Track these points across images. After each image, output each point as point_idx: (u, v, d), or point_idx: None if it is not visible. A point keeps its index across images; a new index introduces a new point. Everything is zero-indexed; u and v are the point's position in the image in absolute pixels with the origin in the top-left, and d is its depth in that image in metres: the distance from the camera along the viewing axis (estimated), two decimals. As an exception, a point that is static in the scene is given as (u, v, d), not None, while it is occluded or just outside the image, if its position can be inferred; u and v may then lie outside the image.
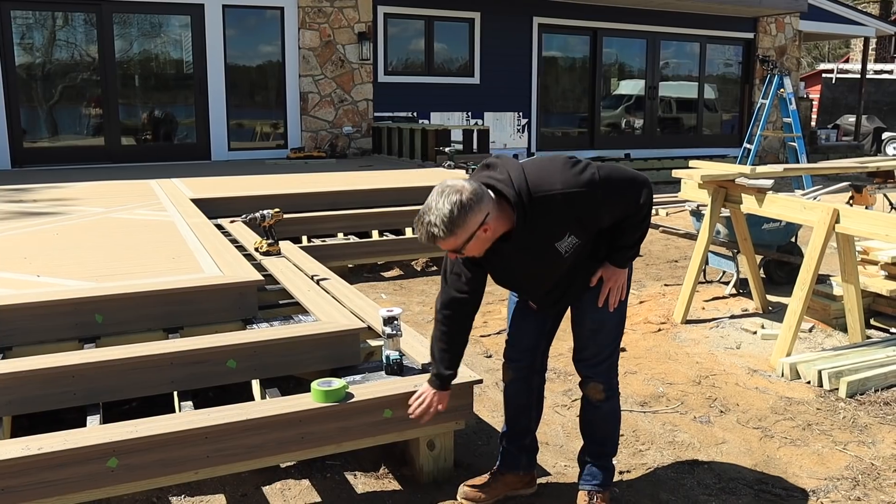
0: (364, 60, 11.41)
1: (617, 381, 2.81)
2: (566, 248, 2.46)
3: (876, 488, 3.07)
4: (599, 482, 2.80)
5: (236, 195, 6.82)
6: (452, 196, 2.26)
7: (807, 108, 17.78)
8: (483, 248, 2.40)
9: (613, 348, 2.75)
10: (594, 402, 2.77)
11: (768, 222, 5.84)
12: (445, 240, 2.30)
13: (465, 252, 2.37)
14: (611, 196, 2.41)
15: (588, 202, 2.38)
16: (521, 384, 2.90)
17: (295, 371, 3.31)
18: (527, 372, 2.88)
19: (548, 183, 2.35)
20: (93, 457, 2.51)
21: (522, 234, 2.39)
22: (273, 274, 4.39)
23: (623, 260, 2.63)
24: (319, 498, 2.97)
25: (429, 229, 2.29)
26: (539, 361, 2.90)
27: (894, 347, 4.47)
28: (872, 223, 4.12)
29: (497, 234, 2.38)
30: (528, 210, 2.34)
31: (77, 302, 3.42)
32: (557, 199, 2.34)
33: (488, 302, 5.73)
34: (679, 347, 4.77)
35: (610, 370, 2.76)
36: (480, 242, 2.35)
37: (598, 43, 13.89)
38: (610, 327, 2.71)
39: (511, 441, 2.96)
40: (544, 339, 2.87)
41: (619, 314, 2.71)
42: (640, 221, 2.54)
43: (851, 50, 33.41)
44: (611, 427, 2.83)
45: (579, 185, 2.35)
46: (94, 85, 10.26)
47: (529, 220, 2.36)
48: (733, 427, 3.64)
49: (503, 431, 3.00)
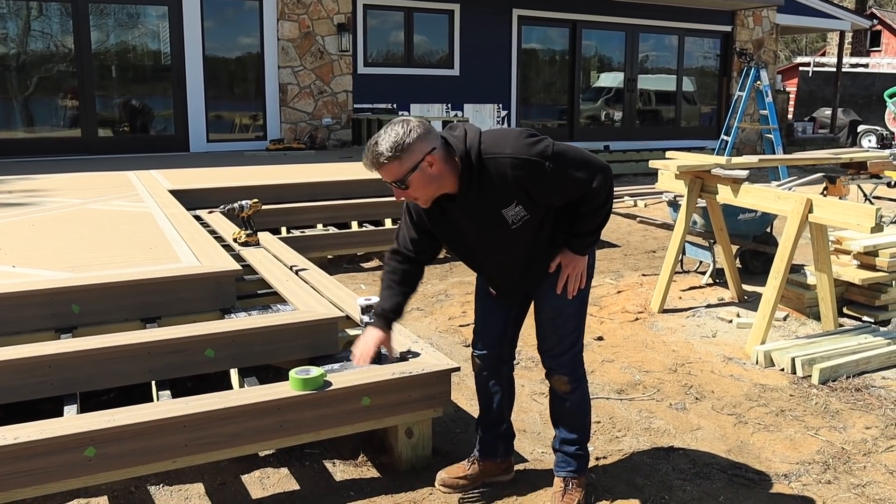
0: (343, 52, 11.37)
1: (583, 371, 2.81)
2: (513, 219, 2.46)
3: (846, 472, 3.14)
4: (574, 468, 2.81)
5: (215, 186, 6.79)
6: (400, 124, 2.35)
7: (783, 101, 17.95)
8: (429, 192, 2.41)
9: (575, 338, 2.73)
10: (561, 393, 2.78)
11: (744, 212, 5.91)
12: (389, 165, 2.33)
13: (410, 188, 2.38)
14: (560, 171, 2.40)
15: (535, 172, 2.37)
16: (490, 373, 2.91)
17: (273, 360, 3.32)
18: (495, 361, 2.89)
19: (499, 147, 2.39)
20: (70, 446, 2.50)
21: (468, 193, 2.41)
22: (251, 264, 4.38)
23: (581, 246, 2.62)
24: (298, 486, 2.98)
25: (374, 150, 2.35)
26: (507, 351, 2.91)
27: (866, 335, 4.55)
28: (844, 213, 4.18)
29: (443, 181, 2.40)
30: (475, 168, 2.38)
31: (53, 292, 3.40)
32: (504, 162, 2.37)
33: (467, 292, 5.75)
34: (656, 336, 4.82)
35: (574, 361, 2.76)
36: (426, 179, 2.36)
37: (577, 35, 13.93)
38: (568, 314, 2.70)
39: (486, 429, 2.98)
40: (510, 328, 2.87)
41: (578, 302, 2.70)
42: (597, 207, 2.52)
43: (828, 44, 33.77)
44: (580, 416, 2.83)
45: (529, 154, 2.37)
46: (71, 76, 10.15)
47: (475, 178, 2.39)
48: (708, 413, 3.70)
49: (478, 420, 3.02)
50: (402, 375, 2.96)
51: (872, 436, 3.46)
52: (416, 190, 2.40)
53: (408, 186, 2.38)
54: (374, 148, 2.35)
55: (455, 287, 5.95)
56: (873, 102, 21.66)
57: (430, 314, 5.20)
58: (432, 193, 2.43)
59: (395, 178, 2.37)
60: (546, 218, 2.54)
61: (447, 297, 5.64)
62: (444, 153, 2.39)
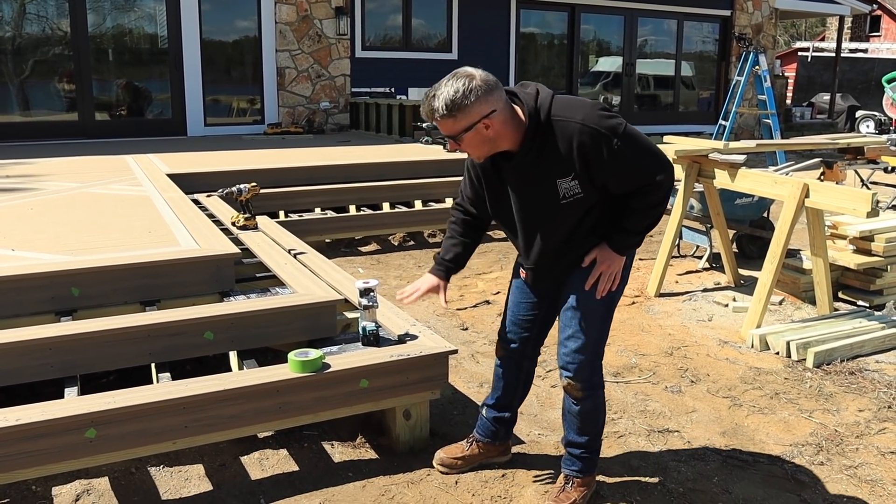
0: (341, 35, 11.33)
1: (599, 380, 2.67)
2: (565, 192, 2.36)
3: (838, 453, 3.17)
4: (578, 469, 2.73)
5: (213, 170, 6.79)
6: (462, 79, 2.24)
7: (782, 86, 17.91)
8: (482, 151, 2.36)
9: (595, 343, 2.59)
10: (572, 398, 2.67)
11: (741, 197, 5.93)
12: (443, 120, 2.28)
13: (463, 145, 2.32)
14: (627, 153, 2.29)
15: (602, 146, 2.27)
16: (510, 363, 2.89)
17: (272, 343, 3.34)
18: (517, 355, 2.86)
19: (570, 112, 2.30)
20: (71, 427, 2.53)
21: (528, 153, 2.34)
22: (250, 248, 4.40)
23: (623, 245, 2.48)
24: (297, 467, 3.01)
25: (430, 103, 2.28)
26: (530, 348, 2.85)
27: (861, 319, 4.58)
28: (841, 198, 4.20)
29: (500, 141, 2.33)
30: (540, 127, 2.30)
31: (53, 275, 3.41)
32: (573, 127, 2.28)
33: (465, 276, 5.77)
34: (652, 320, 4.85)
35: (591, 368, 2.61)
36: (480, 139, 2.31)
37: (575, 19, 13.88)
38: (593, 316, 2.55)
39: (491, 410, 2.97)
40: (536, 328, 2.80)
41: (605, 305, 2.56)
42: (652, 205, 2.40)
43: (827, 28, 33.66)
44: (590, 423, 2.69)
45: (600, 125, 2.27)
46: (67, 60, 10.10)
47: (539, 139, 2.31)
48: (703, 396, 3.73)
49: (486, 399, 3.01)
50: (400, 358, 2.99)
51: (865, 418, 3.49)
52: (468, 147, 2.34)
53: (462, 141, 2.32)
54: (431, 101, 2.28)
55: (453, 271, 5.97)
56: (872, 88, 21.63)
57: (427, 297, 5.22)
58: (486, 152, 2.37)
59: (448, 134, 2.32)
60: (597, 204, 2.43)
61: (445, 281, 5.66)
62: (507, 114, 2.30)
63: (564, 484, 2.75)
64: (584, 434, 2.71)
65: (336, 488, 2.85)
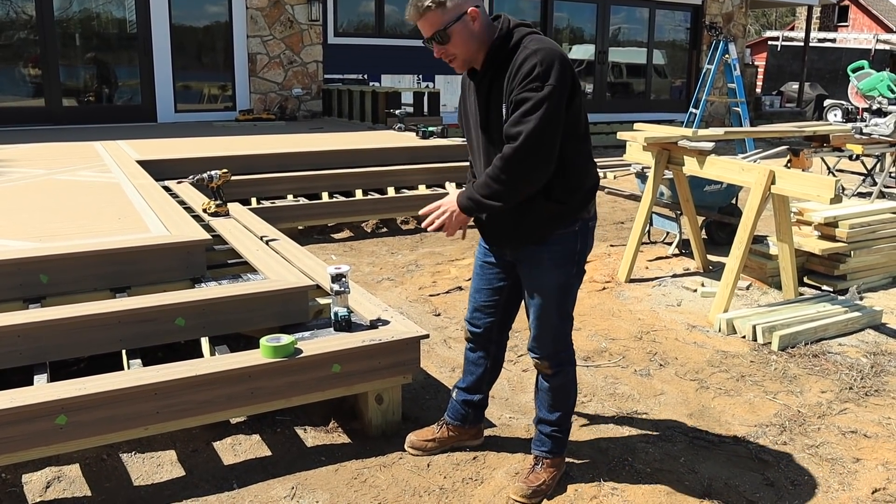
0: (313, 21, 11.24)
1: (567, 356, 2.73)
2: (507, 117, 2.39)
3: (801, 433, 3.25)
4: (548, 449, 2.78)
5: (183, 157, 6.73)
6: None
7: (752, 75, 18.10)
8: (468, 51, 2.39)
9: (556, 325, 2.65)
10: (542, 375, 2.76)
11: (710, 184, 6.01)
12: (433, 12, 2.31)
13: (451, 44, 2.36)
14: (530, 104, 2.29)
15: (526, 78, 2.30)
16: (477, 346, 2.94)
17: (244, 328, 3.34)
18: (483, 340, 2.90)
19: (534, 45, 2.35)
20: (41, 414, 2.52)
21: (489, 70, 2.41)
22: (221, 234, 4.38)
23: (463, 196, 2.49)
24: (270, 452, 3.03)
25: (417, 2, 2.33)
26: (496, 333, 2.89)
27: (825, 304, 4.68)
28: (805, 185, 4.28)
29: (481, 47, 2.40)
30: (509, 48, 2.37)
31: (21, 262, 3.38)
32: (524, 54, 2.34)
33: (437, 263, 5.80)
34: (622, 305, 4.91)
35: (555, 344, 2.68)
36: (468, 34, 2.36)
37: (548, 7, 13.90)
38: (549, 301, 2.61)
39: (461, 393, 3.02)
40: (499, 312, 2.83)
41: (559, 292, 2.61)
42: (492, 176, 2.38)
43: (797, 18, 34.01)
44: (560, 399, 2.76)
45: (541, 67, 2.29)
46: (33, 44, 9.92)
47: (502, 57, 2.38)
48: (671, 379, 3.80)
49: (457, 383, 3.06)
50: (372, 343, 3.01)
51: (827, 399, 3.58)
52: (456, 45, 2.37)
53: (449, 38, 2.35)
54: (416, 1, 2.33)
55: (425, 257, 5.99)
56: (839, 77, 21.89)
57: (400, 284, 5.24)
58: (472, 53, 2.41)
59: (436, 28, 2.34)
60: None
61: (417, 267, 5.68)
62: (488, 18, 2.40)
63: (534, 465, 2.80)
64: (555, 410, 2.77)
65: (309, 472, 2.87)
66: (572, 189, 2.51)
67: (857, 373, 3.87)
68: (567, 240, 2.57)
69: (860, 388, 3.71)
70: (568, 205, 2.52)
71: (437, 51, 2.39)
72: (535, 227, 2.54)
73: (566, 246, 2.57)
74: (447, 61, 2.46)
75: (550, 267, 2.58)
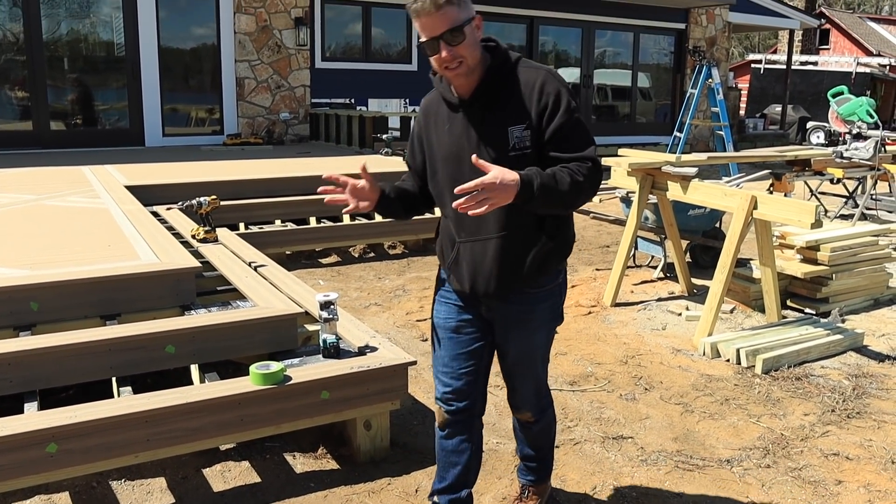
0: (301, 46, 11.34)
1: (548, 401, 2.67)
2: (516, 142, 2.23)
3: (784, 456, 3.30)
4: (533, 479, 2.80)
5: (172, 182, 6.76)
6: None
7: (735, 98, 18.36)
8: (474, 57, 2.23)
9: (541, 379, 2.57)
10: (524, 422, 2.67)
11: (693, 209, 6.09)
12: (449, 8, 2.16)
13: (462, 46, 2.19)
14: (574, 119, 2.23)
15: (561, 98, 2.23)
16: (457, 430, 2.51)
17: (233, 356, 3.36)
18: (466, 417, 2.50)
19: (538, 65, 2.31)
20: (31, 442, 2.54)
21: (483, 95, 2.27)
22: (210, 261, 4.41)
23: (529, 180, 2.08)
24: (259, 479, 3.04)
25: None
26: (480, 405, 2.53)
27: (807, 326, 4.75)
28: (787, 209, 4.36)
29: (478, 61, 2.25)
30: (506, 67, 2.29)
31: (11, 290, 3.39)
32: (541, 72, 2.27)
33: (425, 287, 5.84)
34: (608, 329, 4.97)
35: (538, 395, 2.59)
36: (473, 39, 2.23)
37: (534, 31, 14.09)
38: (536, 359, 2.51)
39: (444, 496, 2.56)
40: (482, 377, 2.51)
41: (547, 344, 2.52)
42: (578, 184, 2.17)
43: (780, 41, 34.50)
44: (543, 439, 2.72)
45: (563, 85, 2.25)
46: (20, 66, 9.95)
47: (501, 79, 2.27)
48: (656, 403, 3.84)
49: (434, 487, 2.61)
50: (361, 370, 3.04)
51: (810, 422, 3.64)
52: (467, 47, 2.21)
53: (463, 38, 2.18)
54: None
55: (413, 282, 6.04)
56: (822, 100, 22.22)
57: (387, 309, 5.28)
58: (476, 61, 2.25)
59: (453, 24, 2.17)
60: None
61: (405, 292, 5.72)
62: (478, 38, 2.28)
63: (521, 493, 2.83)
64: (537, 448, 2.76)
65: (298, 499, 2.89)
66: (559, 223, 2.38)
67: (840, 395, 3.94)
68: (553, 295, 2.45)
69: (842, 410, 3.77)
70: (556, 241, 2.36)
71: (445, 51, 2.17)
72: (526, 265, 2.32)
73: (553, 301, 2.45)
74: (452, 67, 2.21)
75: (539, 327, 2.44)
